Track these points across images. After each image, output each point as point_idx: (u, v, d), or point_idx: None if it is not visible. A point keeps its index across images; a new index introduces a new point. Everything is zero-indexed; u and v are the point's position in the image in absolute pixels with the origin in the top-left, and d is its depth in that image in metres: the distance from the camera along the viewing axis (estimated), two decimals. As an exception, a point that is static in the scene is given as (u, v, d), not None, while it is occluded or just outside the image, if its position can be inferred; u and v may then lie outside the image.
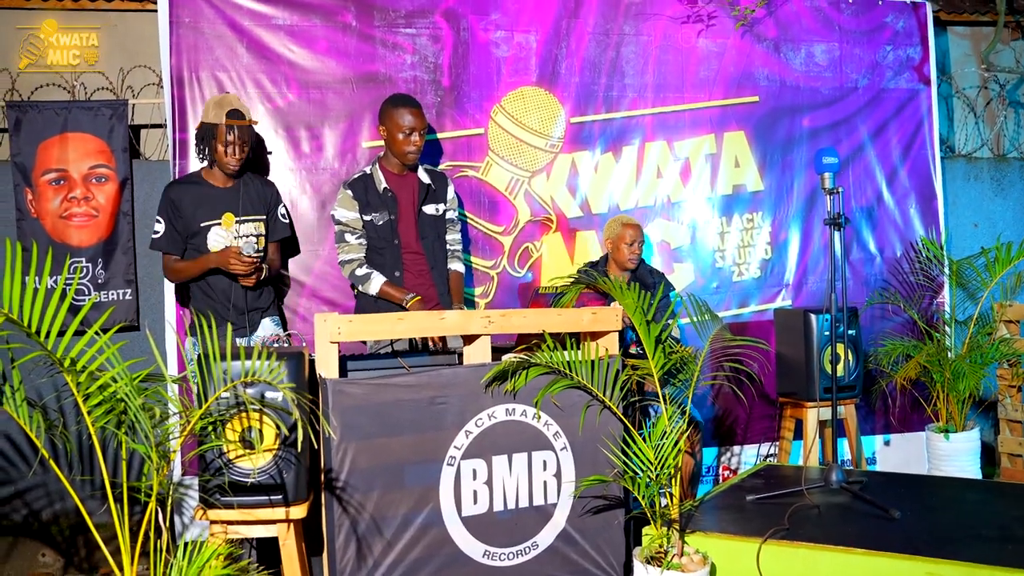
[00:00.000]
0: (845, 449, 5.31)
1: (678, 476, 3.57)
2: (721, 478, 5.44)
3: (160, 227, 4.34)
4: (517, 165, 5.23)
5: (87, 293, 4.97)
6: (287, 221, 4.61)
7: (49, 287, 4.82)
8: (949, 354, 5.23)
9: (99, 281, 4.98)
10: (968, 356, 5.05)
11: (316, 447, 3.31)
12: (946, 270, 5.69)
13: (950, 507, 4.06)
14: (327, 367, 3.34)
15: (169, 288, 4.72)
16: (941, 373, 5.08)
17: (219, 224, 4.33)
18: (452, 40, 5.14)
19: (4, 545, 4.76)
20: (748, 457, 5.49)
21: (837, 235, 4.20)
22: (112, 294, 5.01)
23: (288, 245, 4.78)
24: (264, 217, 4.46)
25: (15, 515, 4.91)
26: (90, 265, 4.97)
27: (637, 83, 5.43)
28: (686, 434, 3.58)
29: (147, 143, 5.68)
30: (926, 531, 3.62)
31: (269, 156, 4.89)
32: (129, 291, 5.03)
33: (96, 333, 2.55)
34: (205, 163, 4.40)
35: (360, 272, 4.38)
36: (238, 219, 4.36)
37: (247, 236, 4.34)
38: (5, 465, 4.89)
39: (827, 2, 5.76)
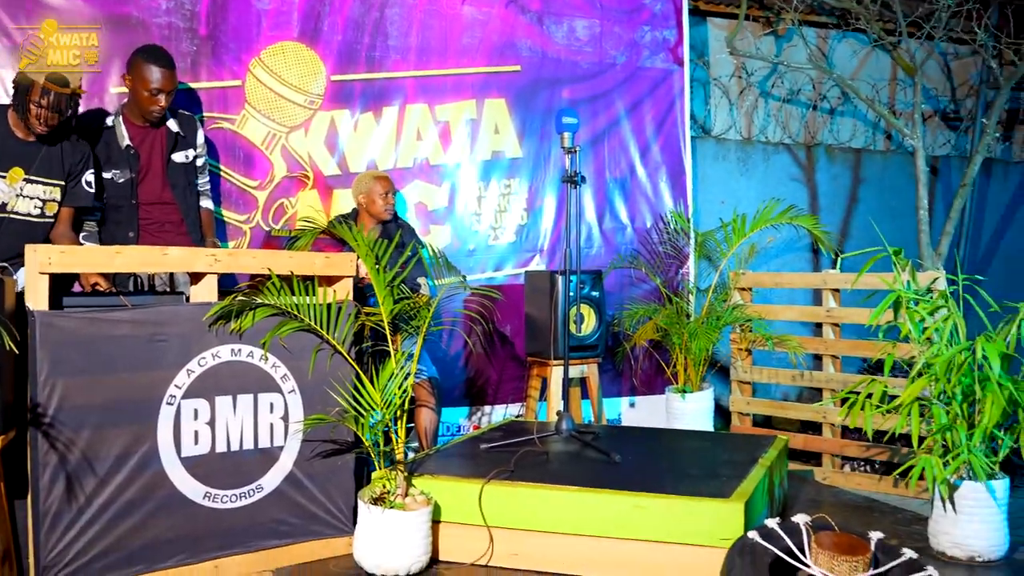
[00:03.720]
0: (591, 411, 5.49)
1: (404, 418, 3.64)
2: (472, 437, 5.54)
3: None
4: (275, 120, 5.17)
5: None
6: (91, 191, 4.10)
7: None
8: (688, 319, 5.52)
9: None
10: (704, 320, 5.34)
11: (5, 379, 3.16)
12: (691, 241, 6.00)
13: (669, 453, 4.34)
14: (36, 299, 3.20)
15: None
16: (679, 336, 5.36)
17: (3, 178, 3.85)
18: (211, -13, 5.04)
19: None
20: (498, 417, 5.62)
21: (574, 194, 4.34)
22: None
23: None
24: (62, 182, 3.99)
25: None
26: None
27: (400, 45, 5.46)
28: (410, 378, 3.63)
29: None
30: (641, 471, 3.84)
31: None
32: None
33: None
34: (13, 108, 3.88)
35: None
36: (26, 177, 3.88)
37: (32, 198, 3.93)
38: None
39: (589, -21, 5.96)
